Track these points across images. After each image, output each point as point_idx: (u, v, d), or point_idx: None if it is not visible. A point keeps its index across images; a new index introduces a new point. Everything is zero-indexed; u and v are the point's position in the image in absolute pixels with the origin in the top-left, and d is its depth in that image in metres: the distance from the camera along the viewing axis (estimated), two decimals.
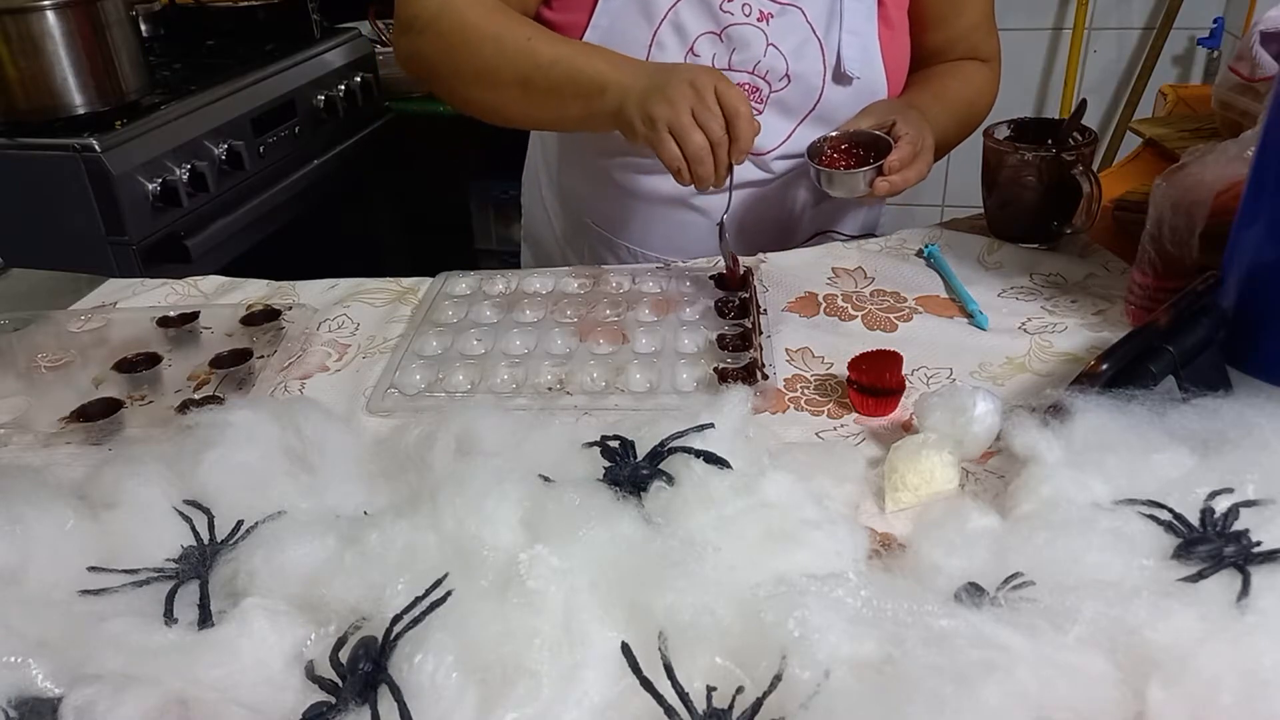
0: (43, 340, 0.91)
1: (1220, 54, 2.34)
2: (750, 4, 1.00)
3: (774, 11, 1.00)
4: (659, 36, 1.00)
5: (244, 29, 2.13)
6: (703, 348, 0.84)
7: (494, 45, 0.96)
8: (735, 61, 1.02)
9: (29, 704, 0.48)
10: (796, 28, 1.01)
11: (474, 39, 0.97)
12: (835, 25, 1.02)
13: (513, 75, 0.96)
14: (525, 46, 0.95)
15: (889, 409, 0.75)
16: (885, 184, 0.93)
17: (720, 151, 0.86)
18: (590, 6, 1.01)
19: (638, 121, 0.87)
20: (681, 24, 1.00)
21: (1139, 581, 0.51)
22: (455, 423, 0.67)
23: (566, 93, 0.94)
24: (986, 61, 1.16)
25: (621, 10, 1.01)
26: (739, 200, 1.08)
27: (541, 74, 0.94)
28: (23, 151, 1.52)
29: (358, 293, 0.98)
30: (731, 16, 1.00)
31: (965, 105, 1.12)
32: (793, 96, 1.04)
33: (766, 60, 1.02)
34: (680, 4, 0.99)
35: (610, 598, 0.50)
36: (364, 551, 0.54)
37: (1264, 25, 1.06)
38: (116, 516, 0.60)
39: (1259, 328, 0.70)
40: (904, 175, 0.94)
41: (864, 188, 0.95)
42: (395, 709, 0.45)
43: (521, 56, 0.95)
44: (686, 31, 1.00)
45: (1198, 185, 0.79)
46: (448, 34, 0.98)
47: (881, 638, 0.47)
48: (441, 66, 1.01)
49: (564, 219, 1.21)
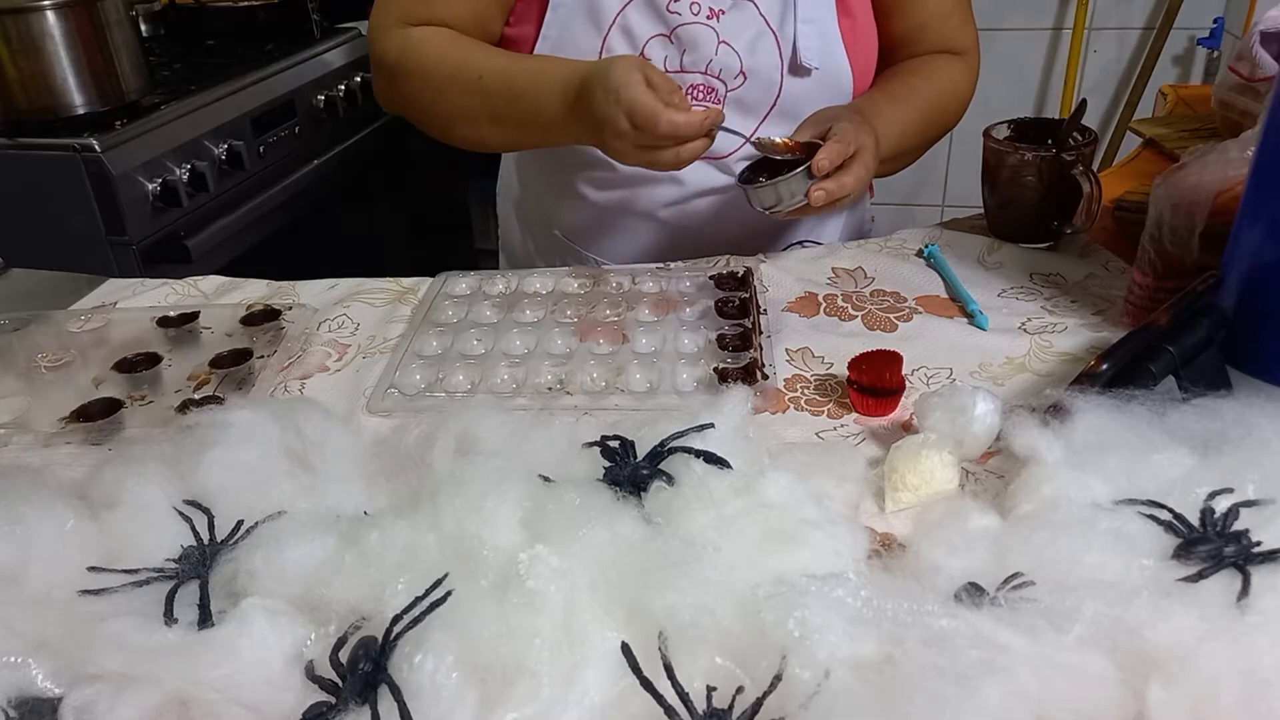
0: (43, 340, 0.91)
1: (1220, 54, 2.34)
2: (699, 2, 0.98)
3: (724, 7, 0.98)
4: (609, 43, 0.99)
5: (244, 29, 2.13)
6: (702, 348, 0.84)
7: (456, 85, 0.96)
8: (687, 63, 0.99)
9: (29, 704, 0.48)
10: (749, 22, 0.99)
11: (437, 80, 0.97)
12: (790, 16, 0.99)
13: (482, 112, 0.96)
14: (478, 87, 0.94)
15: (889, 409, 0.75)
16: (821, 192, 0.82)
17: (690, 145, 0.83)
18: (539, 19, 0.99)
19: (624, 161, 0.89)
20: (630, 28, 0.98)
21: (1139, 581, 0.51)
22: (455, 423, 0.67)
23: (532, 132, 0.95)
24: (961, 54, 1.09)
25: (569, 19, 0.99)
26: (701, 209, 1.07)
27: (507, 108, 0.94)
28: (23, 151, 1.52)
29: (358, 293, 0.98)
30: (679, 17, 0.98)
31: (930, 104, 1.04)
32: (750, 94, 1.01)
33: (719, 59, 0.99)
34: (628, 8, 0.97)
35: (610, 598, 0.50)
36: (364, 551, 0.54)
37: (1264, 25, 1.06)
38: (116, 516, 0.60)
39: (1259, 328, 0.70)
40: (839, 180, 0.82)
41: (799, 198, 0.83)
42: (395, 709, 0.45)
43: (481, 95, 0.95)
44: (636, 36, 0.98)
45: (1198, 185, 0.79)
46: (413, 75, 0.98)
47: (881, 638, 0.47)
48: (415, 109, 1.01)
49: (534, 231, 1.19)
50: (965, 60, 1.09)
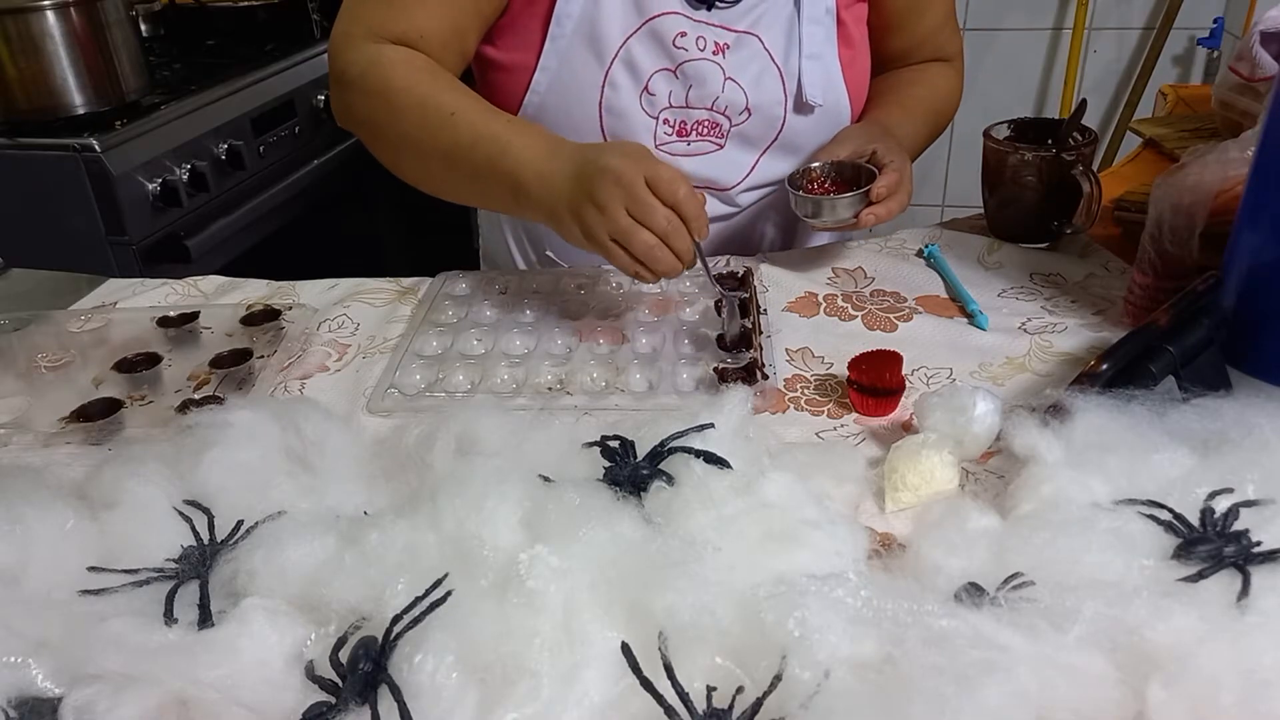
0: (43, 340, 0.91)
1: (1220, 54, 2.35)
2: (705, 37, 0.96)
3: (730, 42, 0.96)
4: (611, 76, 0.96)
5: (244, 29, 2.13)
6: (702, 348, 0.84)
7: (418, 114, 0.89)
8: (693, 98, 0.98)
9: (29, 704, 0.48)
10: (755, 57, 0.98)
11: (398, 104, 0.90)
12: (794, 51, 0.99)
13: (435, 149, 0.89)
14: (448, 121, 0.88)
15: (889, 409, 0.75)
16: (872, 215, 0.89)
17: (674, 240, 0.79)
18: (538, 46, 0.96)
19: (576, 233, 0.82)
20: (634, 62, 0.96)
21: (1139, 581, 0.51)
22: (455, 423, 0.67)
23: (490, 181, 0.87)
24: (950, 61, 1.13)
25: (570, 50, 0.96)
26: None
27: (464, 154, 0.88)
28: (23, 151, 1.52)
29: (358, 293, 0.98)
30: (685, 53, 0.95)
31: (933, 114, 1.09)
32: (754, 129, 1.01)
33: (725, 95, 0.98)
34: (631, 41, 0.95)
35: (610, 598, 0.50)
36: (364, 551, 0.54)
37: (1264, 25, 1.06)
38: (116, 516, 0.60)
39: (1259, 328, 0.70)
40: (888, 205, 0.89)
41: (849, 217, 0.90)
42: (395, 709, 0.45)
43: (444, 131, 0.88)
44: (640, 70, 0.96)
45: (1198, 185, 0.79)
46: (374, 94, 0.91)
47: (881, 638, 0.47)
48: (368, 127, 0.95)
49: (525, 251, 1.15)
50: (955, 66, 1.13)
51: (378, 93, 0.91)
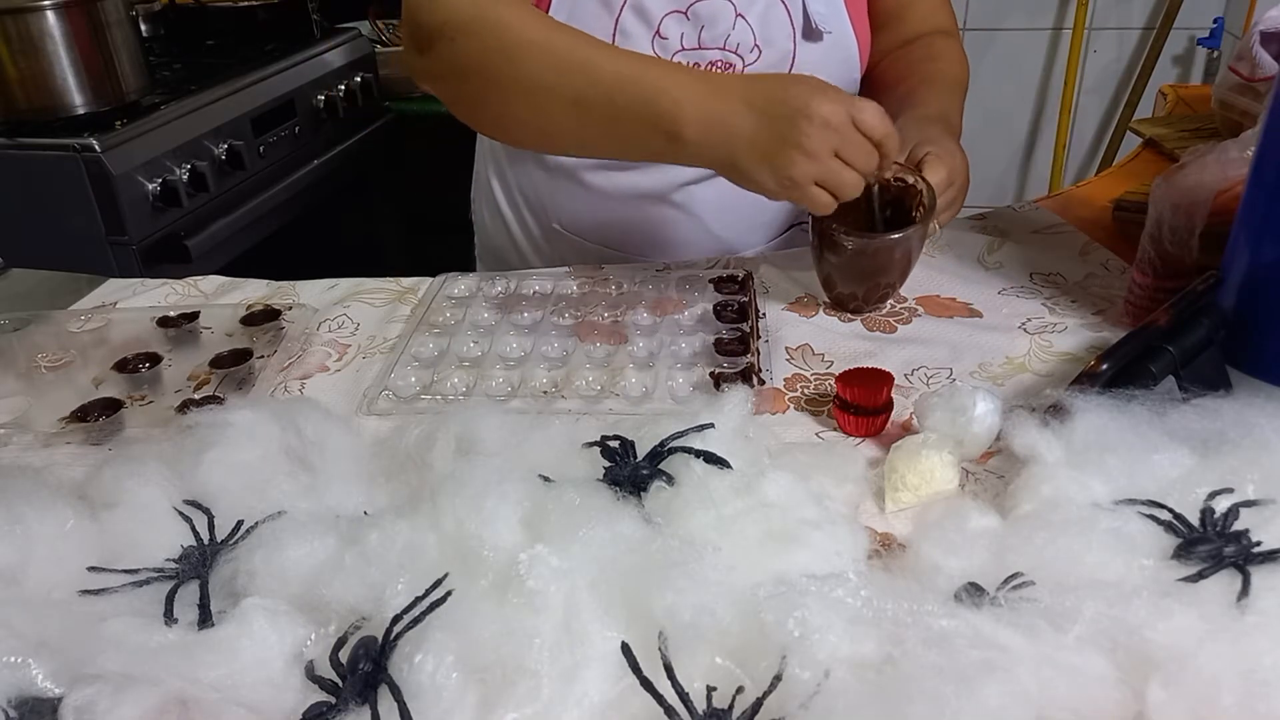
0: (43, 340, 0.91)
1: (1220, 54, 2.35)
2: None
3: None
4: (621, 23, 0.95)
5: (244, 29, 2.13)
6: (699, 352, 0.84)
7: (542, 54, 0.82)
8: (705, 39, 0.97)
9: (29, 704, 0.48)
10: None
11: (513, 44, 0.83)
12: None
13: (565, 94, 0.82)
14: (580, 58, 0.82)
15: (874, 429, 0.72)
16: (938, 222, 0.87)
17: (872, 174, 0.79)
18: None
19: (772, 184, 0.78)
20: (644, 6, 0.95)
21: (1139, 581, 0.51)
22: (455, 423, 0.67)
23: (633, 125, 0.81)
24: (950, 34, 1.12)
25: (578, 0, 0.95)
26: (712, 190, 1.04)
27: (601, 98, 0.81)
28: (23, 151, 1.52)
29: (358, 293, 0.98)
30: None
31: (960, 85, 1.06)
32: (765, 66, 1.00)
33: (736, 33, 0.96)
34: None
35: (610, 598, 0.50)
36: (364, 551, 0.54)
37: (1264, 25, 1.06)
38: (116, 516, 0.60)
39: (1259, 328, 0.70)
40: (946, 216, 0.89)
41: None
42: (395, 709, 0.45)
43: (575, 71, 0.82)
44: (650, 14, 0.95)
45: (1198, 185, 0.79)
46: (488, 37, 0.84)
47: (881, 638, 0.47)
48: (479, 78, 0.86)
49: (526, 226, 1.13)
50: (957, 39, 1.12)
51: (493, 34, 0.84)
